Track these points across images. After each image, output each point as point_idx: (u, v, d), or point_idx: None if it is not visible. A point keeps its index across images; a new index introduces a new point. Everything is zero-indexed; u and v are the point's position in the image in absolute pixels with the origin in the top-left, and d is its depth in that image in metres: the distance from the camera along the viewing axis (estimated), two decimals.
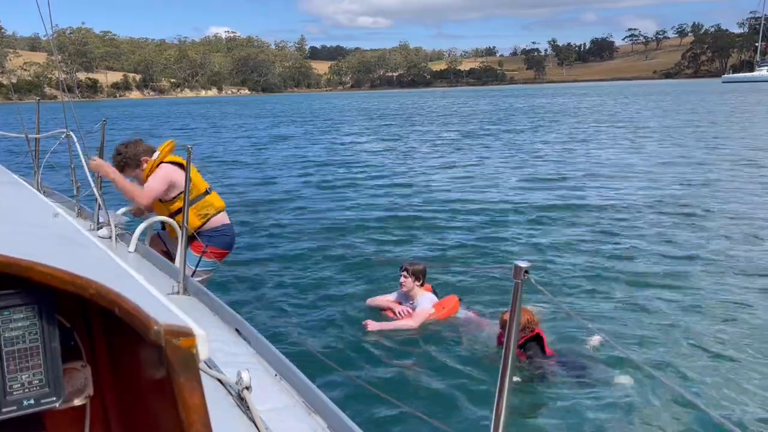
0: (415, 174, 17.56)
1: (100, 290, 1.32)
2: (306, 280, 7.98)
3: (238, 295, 6.78)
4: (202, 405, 1.26)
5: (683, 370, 5.25)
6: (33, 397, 1.40)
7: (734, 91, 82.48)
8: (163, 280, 4.27)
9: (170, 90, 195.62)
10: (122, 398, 1.62)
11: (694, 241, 9.45)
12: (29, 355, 1.40)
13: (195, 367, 1.26)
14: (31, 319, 1.40)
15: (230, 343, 3.32)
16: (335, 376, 4.80)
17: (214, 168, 19.64)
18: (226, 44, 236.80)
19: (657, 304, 6.83)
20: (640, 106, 51.67)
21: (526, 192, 14.13)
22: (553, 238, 9.85)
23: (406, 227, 11.00)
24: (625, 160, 19.00)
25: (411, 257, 8.52)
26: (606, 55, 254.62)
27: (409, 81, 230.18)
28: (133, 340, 1.32)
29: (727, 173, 15.71)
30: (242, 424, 2.49)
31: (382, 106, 73.31)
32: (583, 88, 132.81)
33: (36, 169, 7.05)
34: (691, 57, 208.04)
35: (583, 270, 8.10)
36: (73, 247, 2.02)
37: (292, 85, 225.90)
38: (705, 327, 6.15)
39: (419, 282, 6.26)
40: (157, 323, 1.23)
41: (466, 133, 31.05)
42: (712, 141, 23.45)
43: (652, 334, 6.02)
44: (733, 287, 7.34)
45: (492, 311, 6.47)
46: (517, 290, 1.95)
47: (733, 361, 5.42)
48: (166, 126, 45.96)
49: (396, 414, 4.48)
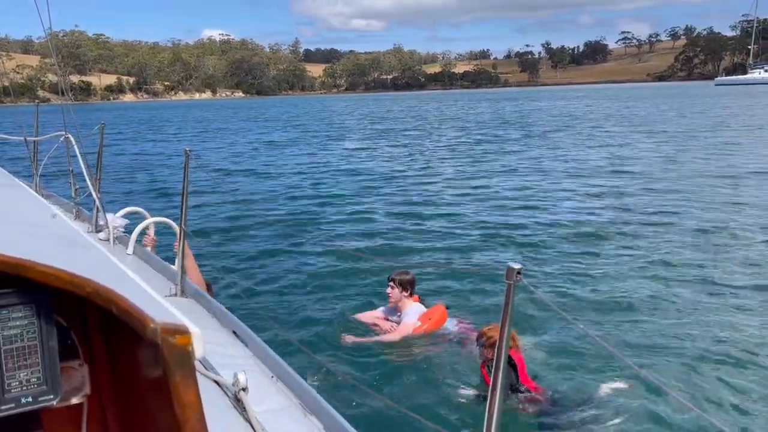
0: (443, 180, 17.35)
1: (97, 289, 1.34)
2: (304, 284, 7.99)
3: (235, 297, 6.78)
4: (197, 402, 1.28)
5: (682, 376, 5.22)
6: (31, 395, 1.41)
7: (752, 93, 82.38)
8: (161, 282, 4.27)
9: (164, 93, 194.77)
10: (119, 397, 1.63)
11: (693, 245, 9.48)
12: (27, 354, 1.41)
13: (191, 365, 1.28)
14: (29, 318, 1.41)
15: (227, 345, 3.33)
16: (331, 378, 4.82)
17: (218, 171, 19.71)
18: (220, 47, 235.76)
19: (651, 307, 6.87)
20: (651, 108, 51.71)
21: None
22: (543, 239, 9.90)
23: (414, 232, 10.96)
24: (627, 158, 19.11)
25: (399, 267, 8.46)
26: (599, 57, 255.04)
27: (403, 84, 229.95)
28: (130, 339, 1.34)
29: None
30: (239, 425, 2.50)
31: (379, 108, 73.08)
32: (582, 90, 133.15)
33: (35, 171, 7.05)
34: (684, 60, 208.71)
35: (576, 274, 8.13)
36: (71, 248, 2.03)
37: (287, 88, 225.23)
38: (701, 331, 6.16)
39: (407, 293, 5.96)
40: (154, 321, 1.25)
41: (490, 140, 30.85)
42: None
43: (644, 336, 6.06)
44: (734, 287, 7.37)
45: (486, 318, 6.49)
46: (509, 292, 1.94)
47: (728, 365, 5.45)
48: (164, 129, 45.80)
49: (392, 415, 4.49)
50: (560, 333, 6.05)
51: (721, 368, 5.38)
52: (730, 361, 5.50)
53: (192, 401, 1.27)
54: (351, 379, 4.75)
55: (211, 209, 13.53)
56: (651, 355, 5.64)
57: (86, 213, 6.15)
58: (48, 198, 6.61)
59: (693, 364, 5.45)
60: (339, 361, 5.49)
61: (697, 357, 5.59)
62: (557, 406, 4.62)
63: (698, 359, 5.55)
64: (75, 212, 6.32)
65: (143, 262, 4.82)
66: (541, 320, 6.33)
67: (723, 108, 49.16)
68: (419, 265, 8.15)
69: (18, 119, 7.57)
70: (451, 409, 4.70)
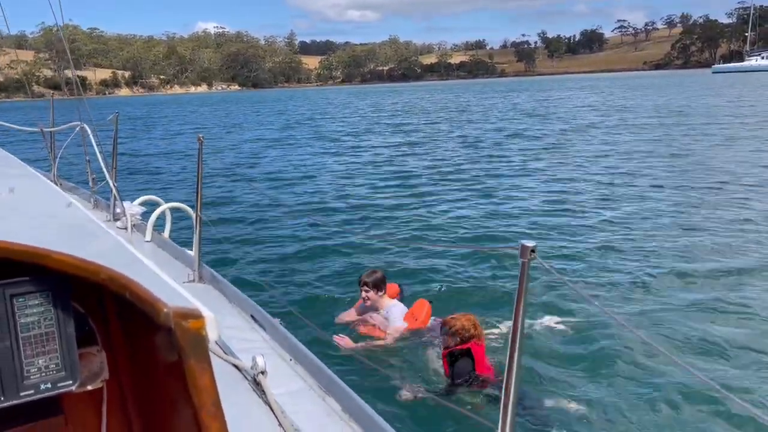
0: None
1: (112, 275, 1.35)
2: (322, 268, 8.02)
3: (254, 282, 6.81)
4: (212, 386, 1.28)
5: (702, 362, 5.17)
6: (50, 381, 1.43)
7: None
8: (178, 269, 4.34)
9: (160, 87, 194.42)
10: (138, 382, 1.64)
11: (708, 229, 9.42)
12: (45, 341, 1.43)
13: (204, 349, 1.28)
14: (46, 306, 1.42)
15: (246, 330, 3.37)
16: (348, 361, 4.81)
17: (235, 162, 19.71)
18: (215, 40, 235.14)
19: (665, 288, 6.88)
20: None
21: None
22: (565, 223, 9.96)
23: (433, 214, 10.97)
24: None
25: (367, 267, 7.59)
26: (596, 46, 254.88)
27: (399, 75, 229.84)
28: (148, 325, 1.34)
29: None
30: (258, 407, 2.53)
31: (380, 100, 72.65)
32: (586, 79, 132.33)
33: (52, 162, 7.15)
34: (681, 48, 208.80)
35: (592, 255, 8.18)
36: (86, 236, 2.05)
37: (283, 81, 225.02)
38: (719, 316, 6.11)
39: (382, 291, 5.77)
40: (167, 306, 1.25)
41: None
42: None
43: (658, 315, 6.07)
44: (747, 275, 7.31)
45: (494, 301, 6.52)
46: (524, 270, 1.94)
47: (734, 353, 5.40)
48: (162, 124, 45.56)
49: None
50: (577, 313, 6.04)
51: (744, 351, 5.35)
52: (748, 342, 5.48)
53: (207, 385, 1.27)
54: (368, 360, 4.75)
55: (229, 195, 13.55)
56: (665, 331, 5.65)
57: (104, 202, 6.22)
58: (66, 188, 6.68)
59: (715, 349, 5.39)
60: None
61: (718, 341, 5.54)
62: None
63: (719, 344, 5.50)
64: (93, 201, 6.42)
65: (161, 249, 4.90)
66: (554, 296, 6.36)
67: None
68: (439, 247, 8.15)
69: (13, 115, 7.62)
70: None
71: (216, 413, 1.27)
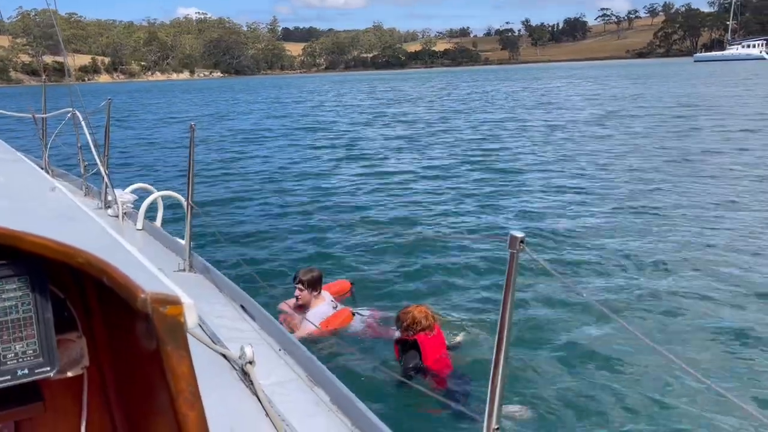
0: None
1: (90, 259, 1.32)
2: (314, 258, 8.01)
3: (244, 272, 6.77)
4: (191, 374, 1.26)
5: (697, 359, 5.16)
6: (27, 367, 1.40)
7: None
8: (169, 257, 4.32)
9: (141, 73, 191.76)
10: (119, 369, 1.62)
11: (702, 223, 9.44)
12: (22, 326, 1.40)
13: (183, 336, 1.26)
14: (23, 290, 1.39)
15: (235, 319, 3.36)
16: (338, 351, 4.83)
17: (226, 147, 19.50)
18: (196, 26, 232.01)
19: (655, 279, 6.96)
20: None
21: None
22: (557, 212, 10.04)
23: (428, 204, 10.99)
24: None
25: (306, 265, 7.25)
26: (579, 35, 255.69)
27: (383, 62, 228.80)
28: (128, 312, 1.32)
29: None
30: (246, 397, 2.53)
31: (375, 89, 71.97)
32: (573, 67, 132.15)
33: (44, 148, 7.06)
34: (663, 36, 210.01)
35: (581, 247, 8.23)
36: (67, 221, 2.01)
37: (266, 68, 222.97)
38: (709, 311, 6.16)
39: (316, 291, 5.70)
40: (144, 292, 1.23)
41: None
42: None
43: (647, 305, 6.14)
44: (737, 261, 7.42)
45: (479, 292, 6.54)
46: (512, 261, 1.93)
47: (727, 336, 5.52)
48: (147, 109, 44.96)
49: (397, 386, 4.55)
50: (565, 304, 6.09)
51: (721, 338, 5.45)
52: (727, 334, 5.56)
53: (185, 372, 1.25)
54: (357, 352, 4.77)
55: (220, 184, 13.51)
56: (653, 323, 5.72)
57: (95, 189, 6.15)
58: (57, 175, 6.59)
59: (703, 337, 5.49)
60: (344, 334, 5.48)
61: (706, 329, 5.65)
62: (463, 387, 4.55)
63: (707, 331, 5.61)
64: (84, 189, 6.35)
65: (152, 238, 4.86)
66: (540, 290, 6.40)
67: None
68: (422, 234, 8.16)
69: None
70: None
71: (193, 402, 1.26)
